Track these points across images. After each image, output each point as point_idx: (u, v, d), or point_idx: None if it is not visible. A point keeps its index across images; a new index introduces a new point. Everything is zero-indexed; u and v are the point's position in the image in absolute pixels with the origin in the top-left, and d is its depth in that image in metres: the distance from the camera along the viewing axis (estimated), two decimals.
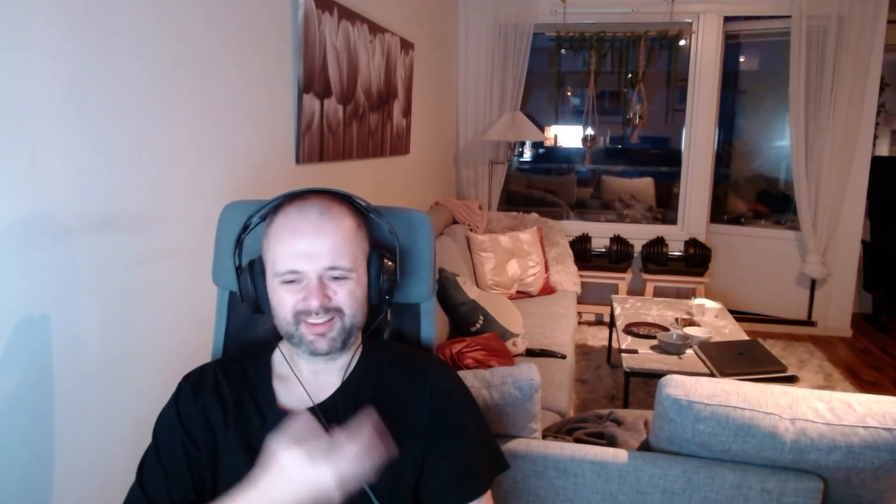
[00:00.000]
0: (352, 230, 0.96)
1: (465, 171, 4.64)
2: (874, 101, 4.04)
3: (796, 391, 1.33)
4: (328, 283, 0.93)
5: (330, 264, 0.92)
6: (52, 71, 1.12)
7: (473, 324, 2.74)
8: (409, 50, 3.21)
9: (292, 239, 0.92)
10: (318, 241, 0.92)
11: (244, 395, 0.99)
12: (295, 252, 0.92)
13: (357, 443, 0.81)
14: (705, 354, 2.58)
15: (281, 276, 0.93)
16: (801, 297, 4.36)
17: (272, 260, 0.95)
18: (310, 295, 0.92)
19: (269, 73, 1.90)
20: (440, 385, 1.00)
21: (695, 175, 4.44)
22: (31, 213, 1.09)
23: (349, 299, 0.95)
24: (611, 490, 1.36)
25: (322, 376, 1.00)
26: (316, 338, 0.93)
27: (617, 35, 4.36)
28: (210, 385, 0.99)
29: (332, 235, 0.93)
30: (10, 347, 1.07)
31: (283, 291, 0.94)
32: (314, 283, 0.92)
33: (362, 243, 0.99)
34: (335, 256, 0.92)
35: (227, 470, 0.95)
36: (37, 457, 1.15)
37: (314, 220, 0.93)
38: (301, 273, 0.92)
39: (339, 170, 2.48)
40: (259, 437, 0.96)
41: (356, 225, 0.98)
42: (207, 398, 0.98)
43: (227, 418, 0.97)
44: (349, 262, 0.94)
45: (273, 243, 0.94)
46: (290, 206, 0.95)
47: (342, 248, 0.93)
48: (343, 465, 0.80)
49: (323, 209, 0.94)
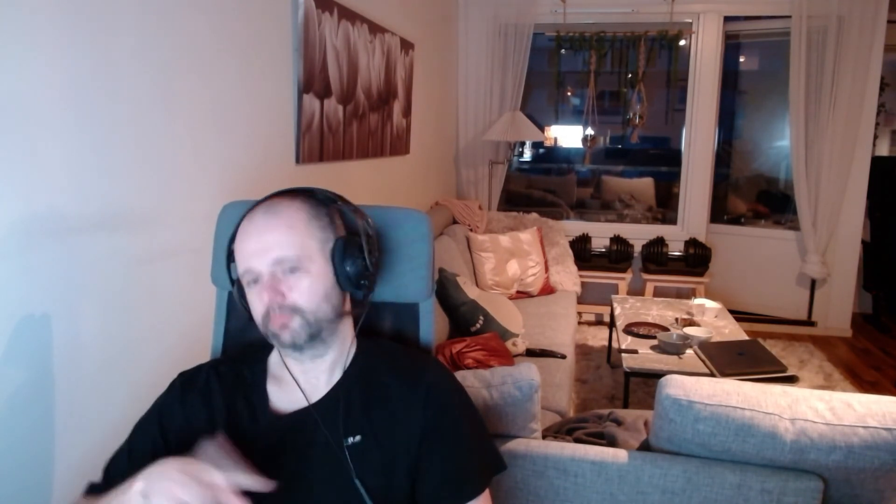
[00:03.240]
0: (302, 221, 0.96)
1: (465, 171, 4.64)
2: (874, 101, 4.04)
3: (796, 391, 1.33)
4: (283, 277, 0.94)
5: (276, 256, 0.93)
6: (52, 71, 1.12)
7: (473, 324, 2.74)
8: (409, 50, 3.21)
9: (245, 240, 0.95)
10: (264, 237, 0.94)
11: (237, 397, 1.00)
12: (246, 253, 0.95)
13: (189, 466, 0.77)
14: (705, 354, 2.58)
15: (242, 277, 0.96)
16: (801, 297, 4.36)
17: (237, 265, 0.98)
18: (262, 291, 0.94)
19: (269, 73, 1.90)
20: (436, 386, 1.00)
21: (695, 175, 4.44)
22: (31, 213, 1.09)
23: (307, 294, 0.94)
24: (611, 490, 1.36)
25: (311, 375, 1.00)
26: (280, 330, 0.94)
27: (617, 35, 4.36)
28: (200, 386, 1.00)
29: (276, 230, 0.94)
30: (10, 347, 1.07)
31: (251, 295, 0.96)
32: (266, 279, 0.94)
33: (318, 233, 0.97)
34: (280, 248, 0.93)
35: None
36: (37, 456, 1.15)
37: (258, 220, 0.96)
38: (254, 271, 0.94)
39: (339, 170, 2.48)
40: (251, 440, 0.96)
41: (308, 216, 0.97)
42: (195, 399, 0.99)
43: (215, 422, 0.97)
44: (297, 251, 0.94)
45: (234, 250, 0.98)
46: (246, 215, 0.98)
47: (288, 239, 0.94)
48: (159, 481, 0.74)
49: (267, 208, 0.97)
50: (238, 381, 1.01)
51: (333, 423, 0.97)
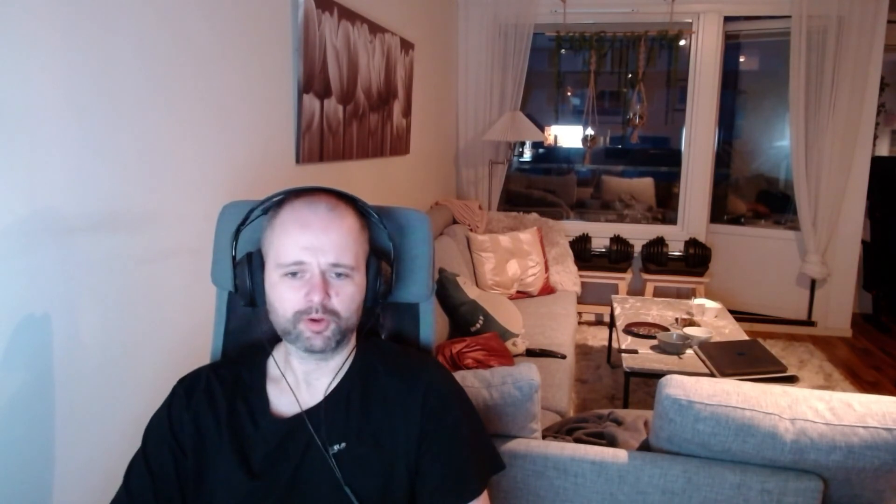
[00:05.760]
0: (356, 230, 0.97)
1: (465, 171, 4.64)
2: (874, 101, 4.04)
3: (796, 391, 1.33)
4: (330, 280, 0.93)
5: (334, 260, 0.93)
6: (51, 71, 1.12)
7: (473, 324, 2.74)
8: (409, 50, 3.21)
9: (300, 231, 0.92)
10: (326, 235, 0.92)
11: (237, 401, 0.99)
12: (301, 244, 0.92)
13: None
14: (705, 354, 2.58)
15: (285, 266, 0.93)
16: (801, 297, 4.36)
17: (276, 251, 0.94)
18: (312, 290, 0.92)
19: (269, 73, 1.90)
20: (434, 387, 0.99)
21: (695, 175, 4.44)
22: (31, 213, 1.09)
23: (347, 302, 0.95)
24: (611, 490, 1.36)
25: (314, 376, 1.00)
26: (313, 335, 0.93)
27: (617, 35, 4.36)
28: (203, 389, 0.99)
29: (338, 232, 0.93)
30: (10, 347, 1.07)
31: (283, 286, 0.93)
32: (317, 277, 0.92)
33: (364, 245, 1.00)
34: (339, 253, 0.93)
35: (218, 475, 0.95)
36: (37, 456, 1.15)
37: (323, 214, 0.94)
38: (305, 265, 0.92)
39: (339, 170, 2.48)
40: (252, 444, 0.96)
41: (359, 226, 0.99)
42: (200, 403, 0.98)
43: (220, 423, 0.97)
44: (352, 261, 0.94)
45: (279, 234, 0.94)
46: (297, 201, 0.96)
47: (347, 245, 0.94)
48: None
49: (332, 206, 0.95)
50: (238, 384, 1.01)
51: (328, 427, 0.97)
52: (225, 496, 0.94)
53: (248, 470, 0.94)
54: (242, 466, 0.94)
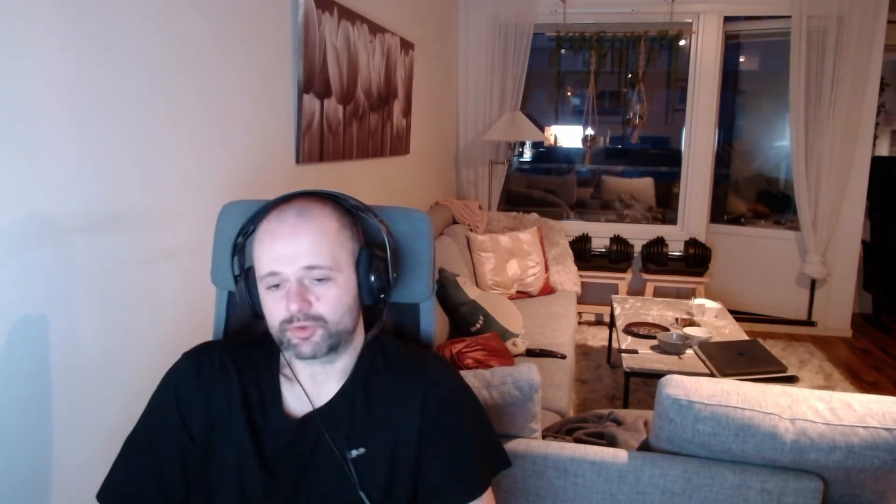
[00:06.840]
0: (333, 230, 0.94)
1: (465, 171, 4.64)
2: (874, 101, 4.04)
3: (796, 391, 1.33)
4: (311, 286, 0.92)
5: (307, 264, 0.91)
6: (51, 71, 1.12)
7: (473, 324, 2.74)
8: (409, 50, 3.21)
9: (271, 242, 0.92)
10: (295, 242, 0.91)
11: (250, 385, 0.98)
12: (273, 255, 0.91)
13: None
14: (705, 354, 2.58)
15: (263, 279, 0.93)
16: (801, 297, 4.36)
17: (257, 266, 0.94)
18: (290, 299, 0.90)
19: (268, 73, 1.90)
20: (437, 383, 0.98)
21: (695, 175, 4.44)
22: (30, 213, 1.09)
23: (333, 305, 0.93)
24: (611, 490, 1.36)
25: (320, 378, 0.99)
26: (301, 342, 0.92)
27: (617, 35, 4.36)
28: (217, 369, 0.98)
29: (308, 236, 0.91)
30: (9, 347, 1.07)
31: (269, 299, 0.93)
32: (294, 286, 0.91)
33: (347, 242, 0.96)
34: (313, 256, 0.91)
35: (230, 454, 0.94)
36: (35, 455, 1.15)
37: (291, 222, 0.92)
38: (280, 275, 0.91)
39: (339, 170, 2.48)
40: (261, 438, 0.95)
41: (339, 224, 0.96)
42: (213, 384, 0.97)
43: (233, 407, 0.96)
44: (329, 261, 0.92)
45: (256, 248, 0.94)
46: (272, 212, 0.95)
47: (321, 247, 0.92)
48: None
49: (300, 211, 0.93)
50: (251, 367, 1.00)
51: (338, 431, 0.96)
52: (233, 486, 0.93)
53: (262, 462, 0.94)
54: (257, 453, 0.93)
